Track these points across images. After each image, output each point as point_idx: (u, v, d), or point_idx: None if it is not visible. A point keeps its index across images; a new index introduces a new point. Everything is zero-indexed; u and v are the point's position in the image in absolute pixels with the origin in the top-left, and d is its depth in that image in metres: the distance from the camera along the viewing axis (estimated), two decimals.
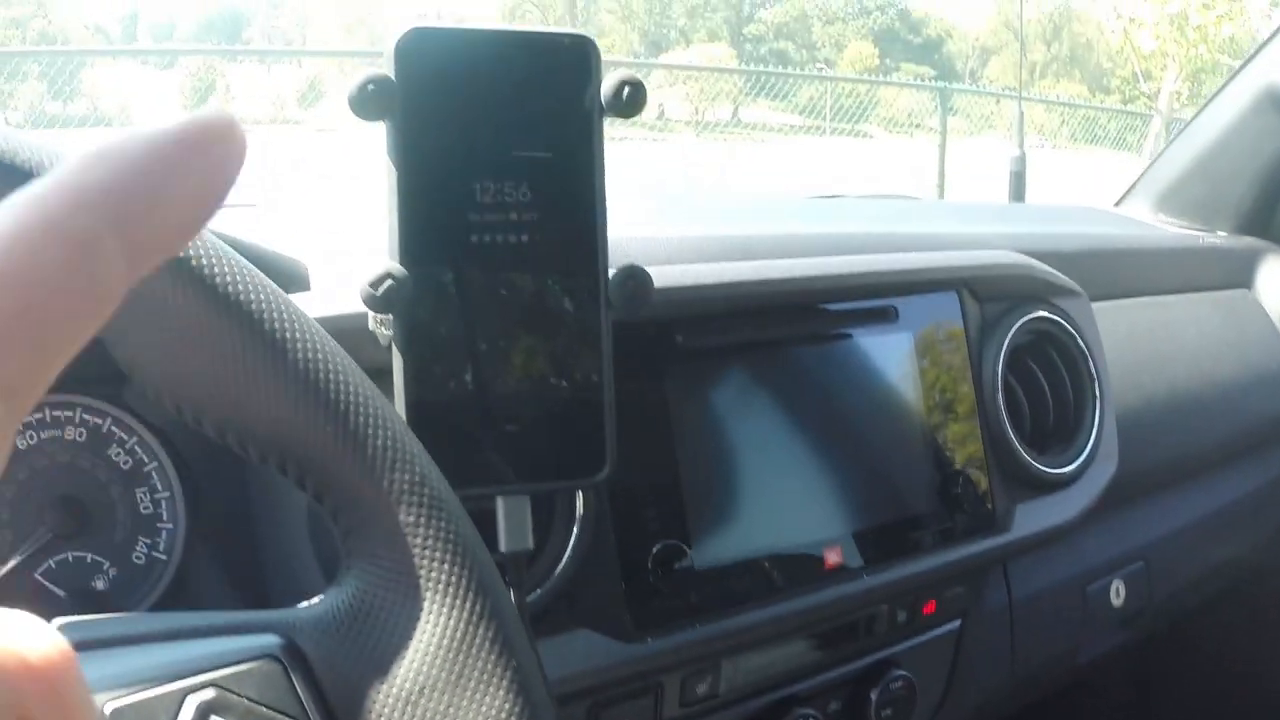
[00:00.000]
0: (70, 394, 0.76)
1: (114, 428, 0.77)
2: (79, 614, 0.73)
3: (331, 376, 0.44)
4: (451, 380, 0.56)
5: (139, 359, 0.43)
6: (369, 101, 0.53)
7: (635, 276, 0.58)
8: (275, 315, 0.44)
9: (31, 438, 0.76)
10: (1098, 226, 1.43)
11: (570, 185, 0.57)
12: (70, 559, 0.75)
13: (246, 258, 0.49)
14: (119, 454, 0.78)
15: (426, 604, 0.44)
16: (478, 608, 0.44)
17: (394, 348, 0.55)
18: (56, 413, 0.77)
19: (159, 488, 0.78)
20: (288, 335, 0.43)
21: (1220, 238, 1.56)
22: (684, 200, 1.13)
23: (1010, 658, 1.14)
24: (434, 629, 0.43)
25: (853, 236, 0.97)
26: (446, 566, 0.44)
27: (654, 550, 0.77)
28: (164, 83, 17.30)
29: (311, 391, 0.43)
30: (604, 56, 0.57)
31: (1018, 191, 8.37)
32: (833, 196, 1.55)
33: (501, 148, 0.56)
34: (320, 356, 0.44)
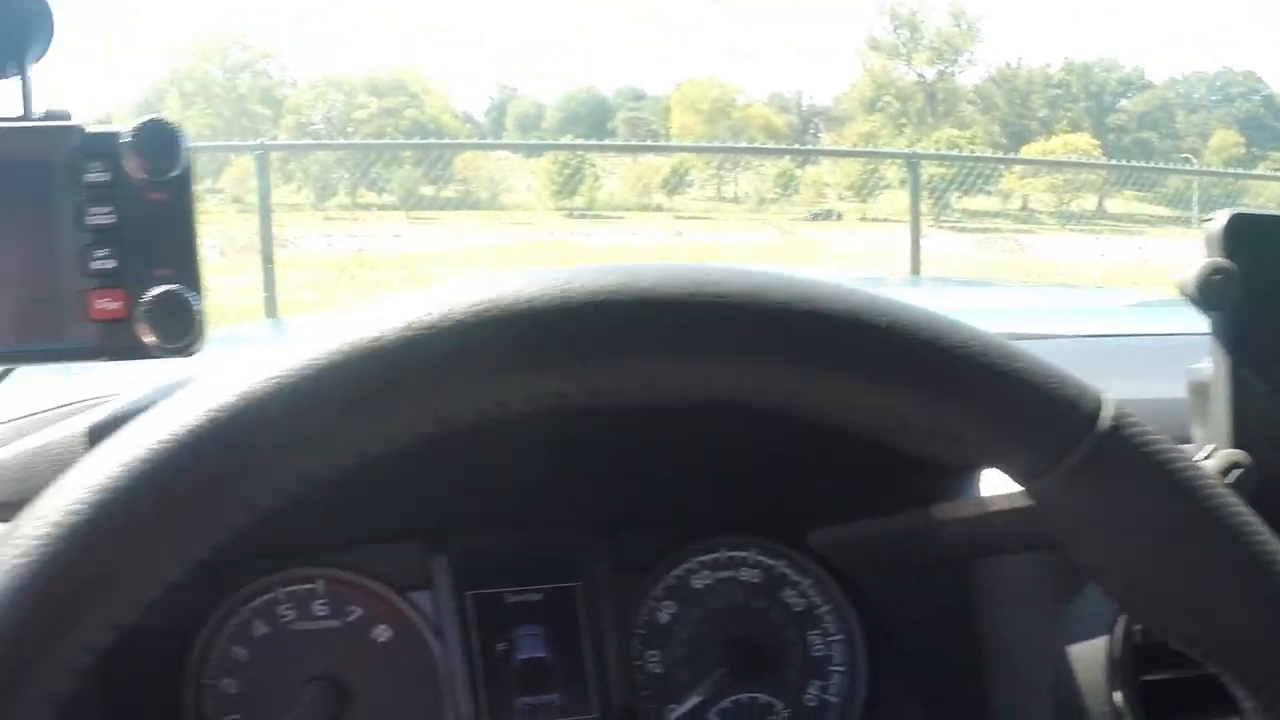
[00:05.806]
0: (747, 535, 0.78)
1: (788, 569, 0.79)
2: None
3: None
4: None
5: (1110, 566, 0.40)
6: (1214, 291, 0.52)
7: None
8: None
9: (708, 578, 0.79)
10: None
11: None
12: (744, 699, 0.77)
13: None
14: (792, 596, 0.79)
15: None
16: None
17: None
18: (732, 553, 0.79)
19: (831, 630, 0.78)
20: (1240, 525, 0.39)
21: None
22: None
23: None
24: None
25: None
26: None
27: None
28: (533, 167, 18.18)
29: None
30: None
31: None
32: None
33: None
34: None
